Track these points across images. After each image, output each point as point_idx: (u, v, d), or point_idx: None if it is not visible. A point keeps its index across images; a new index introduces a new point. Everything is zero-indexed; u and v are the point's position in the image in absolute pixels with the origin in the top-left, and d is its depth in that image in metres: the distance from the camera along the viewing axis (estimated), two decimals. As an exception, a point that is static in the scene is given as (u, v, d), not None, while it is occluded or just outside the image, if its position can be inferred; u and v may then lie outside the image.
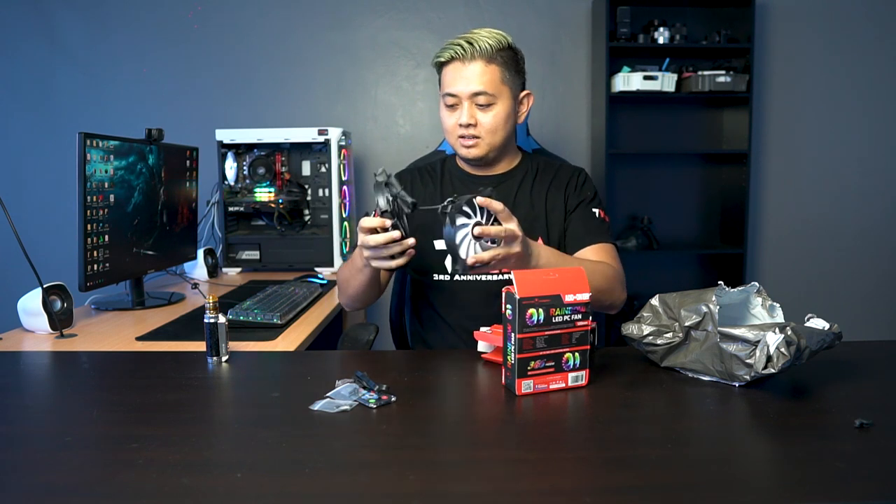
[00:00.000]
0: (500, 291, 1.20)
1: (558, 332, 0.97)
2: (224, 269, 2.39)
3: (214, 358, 1.16)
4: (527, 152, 1.56)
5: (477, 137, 1.35)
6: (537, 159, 1.51)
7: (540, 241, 1.40)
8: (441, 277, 1.42)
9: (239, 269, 2.40)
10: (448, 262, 1.42)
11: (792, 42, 2.95)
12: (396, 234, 1.13)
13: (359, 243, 1.19)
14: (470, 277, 1.40)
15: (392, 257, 1.15)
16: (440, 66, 1.37)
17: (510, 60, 1.35)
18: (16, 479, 0.74)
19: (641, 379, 1.04)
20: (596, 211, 1.43)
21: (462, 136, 1.36)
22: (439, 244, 1.41)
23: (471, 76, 1.31)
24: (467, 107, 1.33)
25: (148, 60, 2.84)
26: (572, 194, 1.44)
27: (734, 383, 0.98)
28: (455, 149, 1.41)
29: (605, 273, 1.29)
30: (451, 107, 1.35)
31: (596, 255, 1.37)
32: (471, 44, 1.31)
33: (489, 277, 1.40)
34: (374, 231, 1.14)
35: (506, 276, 1.39)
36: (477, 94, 1.31)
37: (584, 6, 2.89)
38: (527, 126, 2.41)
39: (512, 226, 1.10)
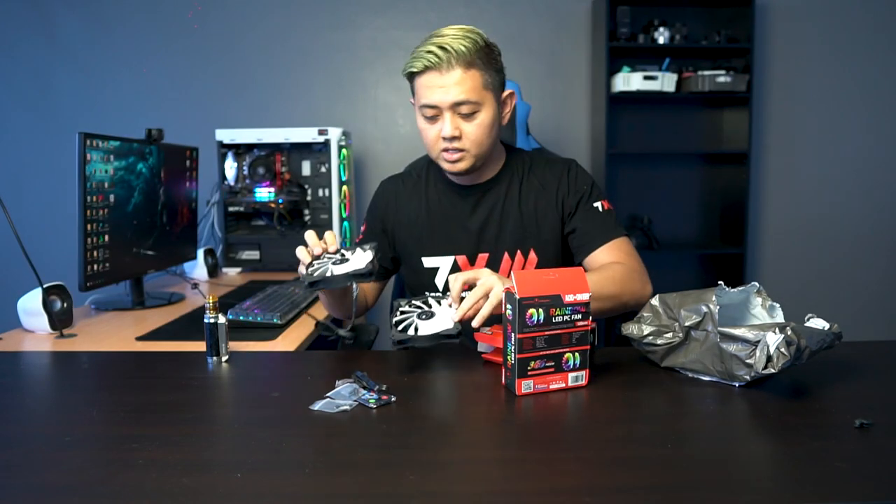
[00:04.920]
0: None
1: (558, 332, 0.97)
2: (224, 269, 2.39)
3: (214, 358, 1.16)
4: (513, 148, 1.42)
5: (462, 150, 1.24)
6: (523, 157, 1.39)
7: (532, 254, 1.34)
8: (433, 296, 1.40)
9: (239, 269, 2.40)
10: (438, 280, 1.37)
11: (792, 42, 2.95)
12: (305, 257, 1.14)
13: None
14: (463, 293, 1.38)
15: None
16: (412, 76, 1.23)
17: (489, 61, 1.22)
18: (16, 479, 0.74)
19: (641, 379, 1.04)
20: (598, 205, 1.32)
21: (446, 150, 1.24)
22: (427, 261, 1.37)
23: (450, 85, 1.18)
24: (449, 118, 1.21)
25: (148, 60, 2.84)
26: (567, 195, 1.33)
27: (734, 383, 0.98)
28: (438, 162, 1.30)
29: (614, 277, 1.20)
30: (431, 118, 1.23)
31: (609, 254, 1.28)
32: (445, 49, 1.17)
33: None
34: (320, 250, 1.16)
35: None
36: (459, 103, 1.20)
37: (584, 6, 2.90)
38: (527, 126, 2.41)
39: (461, 278, 1.07)
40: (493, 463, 0.77)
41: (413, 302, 1.15)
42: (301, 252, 1.16)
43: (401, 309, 1.12)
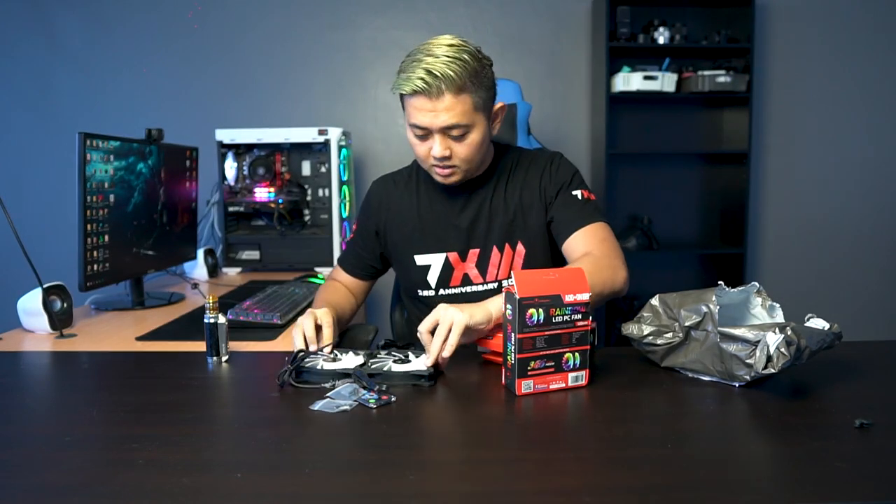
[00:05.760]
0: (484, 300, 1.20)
1: (558, 332, 0.97)
2: (224, 269, 2.39)
3: (214, 358, 1.16)
4: (503, 146, 1.42)
5: (453, 167, 1.25)
6: (512, 154, 1.41)
7: (520, 246, 1.35)
8: (425, 293, 1.39)
9: (239, 269, 2.40)
10: (430, 277, 1.37)
11: (792, 42, 2.95)
12: (304, 345, 1.14)
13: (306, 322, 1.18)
14: (454, 291, 1.37)
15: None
16: (400, 94, 1.22)
17: (479, 80, 1.20)
18: (16, 479, 0.74)
19: (641, 379, 1.04)
20: (577, 193, 1.32)
21: (436, 166, 1.26)
22: (420, 259, 1.38)
23: (440, 110, 1.17)
24: (440, 140, 1.21)
25: (148, 60, 2.84)
26: (548, 185, 1.34)
27: (734, 383, 0.98)
28: (430, 173, 1.32)
29: (588, 269, 1.10)
30: (422, 137, 1.24)
31: (584, 240, 1.27)
32: (435, 75, 1.14)
33: (474, 289, 1.36)
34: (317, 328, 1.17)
35: (490, 287, 1.36)
36: (449, 127, 1.19)
37: (584, 6, 2.89)
38: (528, 126, 2.41)
39: (424, 328, 1.06)
40: (493, 463, 0.77)
41: (392, 351, 1.15)
42: (298, 336, 1.15)
43: (379, 355, 1.13)
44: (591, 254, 1.23)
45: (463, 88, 1.17)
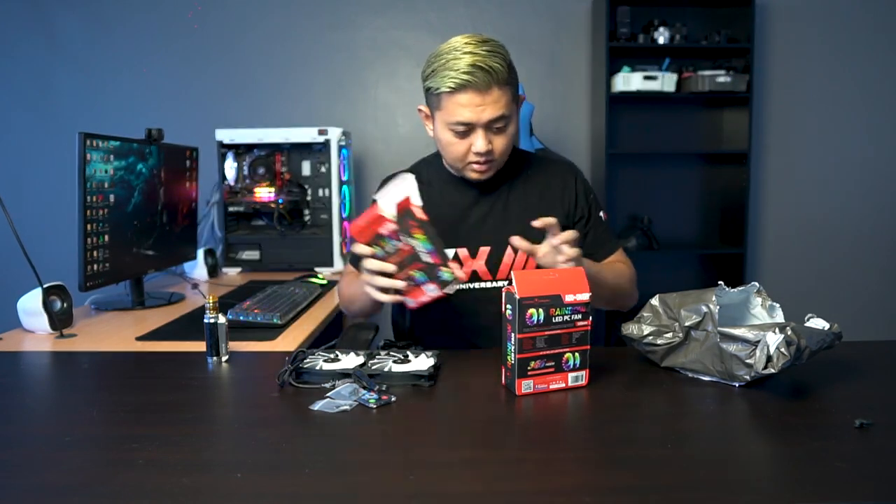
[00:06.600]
0: (493, 297, 1.20)
1: (558, 332, 0.97)
2: (224, 269, 2.39)
3: (214, 358, 1.16)
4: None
5: (491, 161, 1.28)
6: (522, 154, 1.44)
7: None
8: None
9: (239, 269, 2.40)
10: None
11: (792, 42, 2.95)
12: (389, 267, 1.10)
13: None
14: (462, 286, 1.36)
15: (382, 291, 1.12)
16: (442, 92, 1.22)
17: (513, 74, 1.25)
18: (16, 479, 0.74)
19: (641, 379, 1.04)
20: (601, 214, 1.42)
21: (475, 162, 1.28)
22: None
23: (488, 104, 1.20)
24: (483, 134, 1.23)
25: (148, 60, 2.84)
26: (578, 200, 1.40)
27: (734, 383, 0.98)
28: (461, 172, 1.33)
29: (628, 276, 1.37)
30: (462, 134, 1.25)
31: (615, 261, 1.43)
32: (483, 69, 1.18)
33: (483, 285, 1.36)
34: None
35: (501, 285, 1.35)
36: (494, 120, 1.22)
37: (584, 6, 2.90)
38: (530, 127, 2.41)
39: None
40: (493, 463, 0.77)
41: (392, 351, 1.15)
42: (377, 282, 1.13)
43: (379, 355, 1.13)
44: (630, 267, 1.40)
45: (507, 81, 1.21)
